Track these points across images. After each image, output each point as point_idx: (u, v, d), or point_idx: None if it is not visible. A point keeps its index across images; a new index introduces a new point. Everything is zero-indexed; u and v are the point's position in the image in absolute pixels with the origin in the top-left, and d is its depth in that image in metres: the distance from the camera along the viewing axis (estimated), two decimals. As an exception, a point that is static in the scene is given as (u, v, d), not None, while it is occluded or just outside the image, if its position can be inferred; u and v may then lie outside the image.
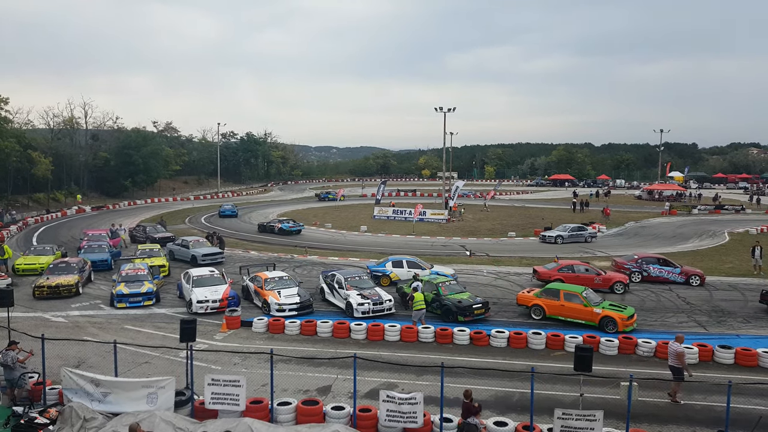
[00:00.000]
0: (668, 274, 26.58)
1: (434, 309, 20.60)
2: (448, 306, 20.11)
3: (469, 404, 11.53)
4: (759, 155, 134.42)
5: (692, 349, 16.63)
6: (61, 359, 15.74)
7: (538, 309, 20.46)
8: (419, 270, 25.72)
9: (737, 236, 42.86)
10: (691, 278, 26.36)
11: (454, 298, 20.45)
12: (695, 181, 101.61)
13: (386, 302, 20.97)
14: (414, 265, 26.40)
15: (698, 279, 26.36)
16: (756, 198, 70.83)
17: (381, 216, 53.66)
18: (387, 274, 26.10)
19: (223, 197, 79.09)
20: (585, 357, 11.67)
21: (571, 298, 20.05)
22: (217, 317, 20.42)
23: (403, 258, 27.29)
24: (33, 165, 58.43)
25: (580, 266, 25.80)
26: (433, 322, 19.64)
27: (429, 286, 21.41)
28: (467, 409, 11.54)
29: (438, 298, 20.71)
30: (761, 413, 12.64)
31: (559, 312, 20.07)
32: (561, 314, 20.04)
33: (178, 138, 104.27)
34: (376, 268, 26.74)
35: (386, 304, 20.94)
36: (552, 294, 20.45)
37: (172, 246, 32.95)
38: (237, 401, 12.10)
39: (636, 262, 27.15)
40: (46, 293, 23.07)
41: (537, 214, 57.02)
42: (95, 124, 79.45)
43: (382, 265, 26.84)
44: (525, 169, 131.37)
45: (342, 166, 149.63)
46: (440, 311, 20.42)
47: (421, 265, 26.41)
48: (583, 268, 25.54)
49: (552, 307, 20.22)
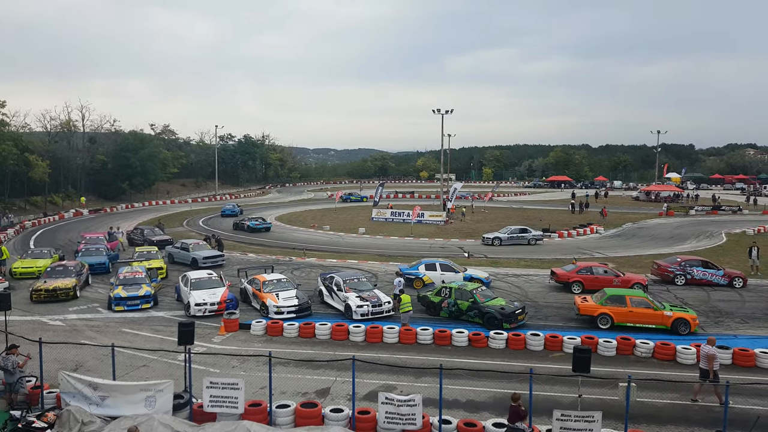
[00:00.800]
0: (711, 276, 26.45)
1: (471, 317, 20.03)
2: (492, 314, 19.46)
3: (517, 408, 11.18)
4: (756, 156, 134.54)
5: (690, 350, 16.68)
6: (59, 363, 15.69)
7: (605, 318, 19.56)
8: (452, 273, 25.40)
9: (734, 237, 42.95)
10: (735, 280, 26.16)
11: (495, 305, 19.89)
12: (692, 182, 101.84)
13: (385, 304, 20.95)
14: (447, 268, 25.94)
15: (741, 281, 26.16)
16: (753, 199, 70.98)
17: (379, 218, 53.67)
18: (420, 277, 25.79)
19: (221, 200, 79.01)
20: (583, 358, 11.67)
21: (638, 303, 19.62)
22: (215, 320, 20.39)
23: (436, 261, 26.93)
24: (30, 168, 58.26)
25: (599, 268, 25.63)
26: (468, 327, 19.21)
27: (463, 294, 20.58)
28: (515, 412, 11.18)
29: (476, 306, 20.00)
30: (759, 413, 12.67)
31: (627, 319, 19.43)
32: (630, 321, 19.41)
33: (176, 141, 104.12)
34: (409, 270, 26.33)
35: (385, 306, 20.91)
36: (618, 301, 19.73)
37: (172, 249, 32.78)
38: (236, 404, 12.09)
39: (679, 265, 26.90)
40: (44, 297, 23.00)
41: (535, 215, 57.05)
42: (92, 127, 79.35)
43: (415, 267, 26.40)
44: (523, 170, 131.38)
45: (340, 168, 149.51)
46: (480, 319, 19.74)
47: (454, 269, 25.94)
48: (602, 270, 25.36)
49: (620, 314, 19.49)
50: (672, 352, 16.82)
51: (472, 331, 18.38)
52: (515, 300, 22.31)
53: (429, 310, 21.40)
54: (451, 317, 20.56)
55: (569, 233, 44.08)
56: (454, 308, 20.54)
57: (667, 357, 16.80)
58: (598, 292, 20.99)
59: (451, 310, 20.60)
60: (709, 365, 13.84)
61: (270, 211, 62.95)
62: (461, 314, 20.28)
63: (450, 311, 20.67)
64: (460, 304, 20.37)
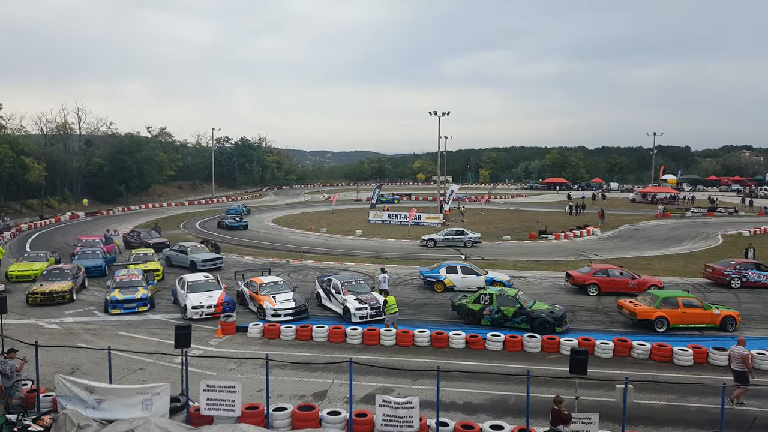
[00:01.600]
0: (767, 279, 26.49)
1: (518, 323, 19.58)
2: (543, 318, 19.26)
3: (559, 411, 10.97)
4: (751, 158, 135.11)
5: (686, 351, 16.72)
6: (55, 366, 15.64)
7: (661, 321, 19.65)
8: (474, 276, 25.27)
9: (730, 238, 43.11)
10: None
11: (543, 309, 19.74)
12: (688, 184, 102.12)
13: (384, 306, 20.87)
14: (468, 270, 25.69)
15: None
16: (749, 200, 71.24)
17: (376, 220, 53.70)
18: (441, 280, 25.48)
19: (217, 202, 78.94)
20: (580, 360, 11.68)
21: (689, 304, 19.95)
22: (212, 323, 20.34)
23: (458, 264, 26.64)
24: (26, 171, 58.12)
25: (615, 270, 25.57)
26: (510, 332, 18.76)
27: (506, 300, 20.06)
28: (557, 416, 10.98)
29: (524, 311, 19.62)
30: (756, 414, 12.69)
31: (681, 320, 19.72)
32: (683, 322, 19.72)
33: (173, 143, 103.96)
34: (430, 273, 26.01)
35: None
36: (671, 303, 19.94)
37: (169, 252, 32.67)
38: (233, 407, 12.06)
39: (734, 268, 26.81)
40: (40, 300, 22.92)
41: (532, 217, 57.13)
42: (89, 129, 79.17)
43: (436, 270, 26.00)
44: (519, 172, 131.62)
45: (337, 171, 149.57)
46: (529, 324, 19.39)
47: (475, 271, 25.75)
48: (617, 272, 25.30)
49: (674, 316, 19.71)
50: (669, 353, 16.85)
51: (469, 333, 18.38)
52: None
53: (467, 319, 20.40)
54: (494, 324, 19.82)
55: (566, 235, 44.16)
56: (497, 315, 19.91)
57: (663, 359, 16.82)
58: (645, 296, 21.08)
59: (494, 317, 19.94)
60: (747, 365, 13.80)
61: (267, 213, 62.89)
62: (506, 321, 19.74)
63: (493, 318, 19.98)
64: (504, 311, 19.85)
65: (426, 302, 23.71)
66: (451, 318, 21.37)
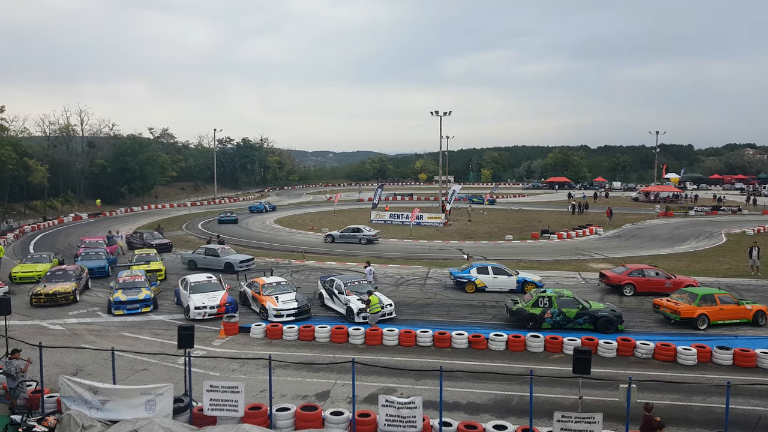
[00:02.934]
0: None
1: (580, 324, 19.59)
2: (608, 317, 19.42)
3: (650, 418, 10.81)
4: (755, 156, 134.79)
5: (690, 351, 16.68)
6: (59, 367, 15.66)
7: (703, 318, 19.89)
8: (505, 276, 25.17)
9: (734, 237, 42.98)
10: None
11: (603, 308, 19.96)
12: (692, 183, 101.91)
13: (387, 307, 20.92)
14: (499, 271, 25.53)
15: None
16: (752, 199, 71.04)
17: (378, 220, 53.67)
18: (472, 281, 25.27)
19: (219, 203, 79.02)
20: (584, 359, 11.65)
21: (725, 300, 20.34)
22: (214, 323, 20.37)
23: (488, 264, 26.40)
24: (29, 173, 58.29)
25: (650, 270, 25.43)
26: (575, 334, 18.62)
27: (566, 302, 19.93)
28: (648, 423, 10.81)
29: (586, 312, 19.70)
30: (760, 414, 12.66)
31: (719, 316, 20.02)
32: (721, 318, 20.03)
33: (175, 144, 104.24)
34: (461, 274, 25.73)
35: (387, 309, 20.87)
36: (710, 300, 20.23)
37: (194, 255, 31.36)
38: (236, 407, 12.08)
39: None
40: (44, 301, 22.98)
41: (534, 216, 57.06)
42: (91, 131, 79.36)
43: (467, 271, 25.78)
44: (521, 172, 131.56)
45: (339, 171, 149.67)
46: (592, 325, 19.48)
47: (506, 272, 25.57)
48: (653, 272, 25.16)
49: (714, 313, 19.99)
50: (672, 353, 16.82)
51: (472, 333, 18.37)
52: None
53: (527, 324, 19.78)
54: (555, 327, 19.63)
55: (569, 234, 44.08)
56: (559, 317, 19.74)
57: (667, 358, 16.79)
58: (681, 294, 21.10)
59: (556, 320, 19.75)
60: None
61: (269, 214, 62.94)
62: (568, 323, 19.67)
63: (554, 321, 19.76)
64: (566, 313, 19.73)
65: (428, 302, 23.69)
66: (454, 318, 21.38)
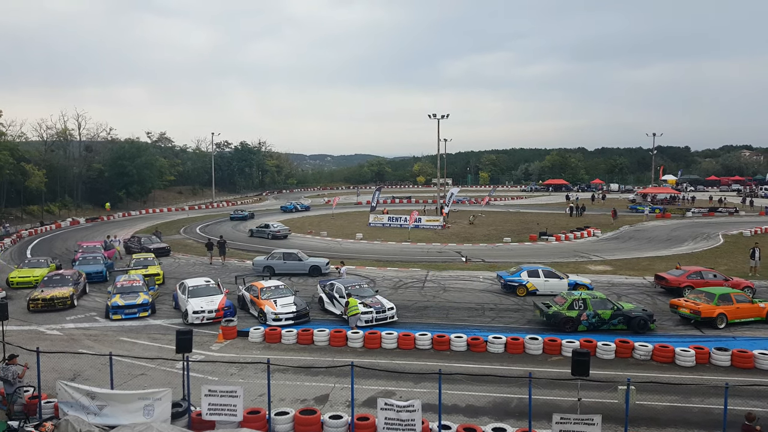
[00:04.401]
0: None
1: (614, 325, 19.75)
2: (641, 317, 19.72)
3: (751, 428, 10.59)
4: (751, 157, 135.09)
5: (689, 352, 16.69)
6: (57, 372, 15.62)
7: (721, 317, 20.12)
8: (556, 279, 25.08)
9: (731, 238, 43.07)
10: None
11: (635, 309, 20.28)
12: (689, 184, 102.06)
13: (389, 310, 20.81)
14: (550, 274, 25.47)
15: None
16: (749, 200, 71.20)
17: (376, 223, 53.65)
18: (523, 284, 25.13)
19: (218, 207, 78.96)
20: (582, 361, 11.65)
21: (741, 299, 20.71)
22: (213, 327, 20.33)
23: (539, 267, 26.29)
24: (26, 177, 58.19)
25: (708, 273, 25.43)
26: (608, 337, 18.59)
27: (600, 303, 20.07)
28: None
29: (621, 312, 19.91)
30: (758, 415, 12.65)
31: (736, 315, 20.33)
32: (737, 317, 20.34)
33: (172, 148, 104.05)
34: (511, 278, 25.57)
35: (389, 312, 20.76)
36: (727, 299, 20.52)
37: (272, 261, 30.15)
38: (234, 412, 12.04)
39: None
40: (41, 306, 22.92)
41: (532, 219, 57.10)
42: (89, 135, 79.21)
43: (517, 274, 25.63)
44: (519, 174, 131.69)
45: (337, 174, 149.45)
46: (625, 325, 19.72)
47: (557, 275, 25.52)
48: (711, 275, 25.14)
49: (731, 312, 20.25)
50: (671, 354, 16.83)
51: (471, 336, 18.37)
52: None
53: (564, 327, 19.64)
54: (590, 329, 19.65)
55: (566, 236, 44.11)
56: (594, 319, 19.78)
57: (666, 359, 16.80)
58: (699, 294, 21.29)
59: (591, 321, 19.78)
60: None
61: (267, 217, 62.84)
62: (602, 324, 19.76)
63: (590, 323, 19.78)
64: (601, 314, 19.80)
65: (427, 305, 23.68)
66: (453, 321, 21.36)
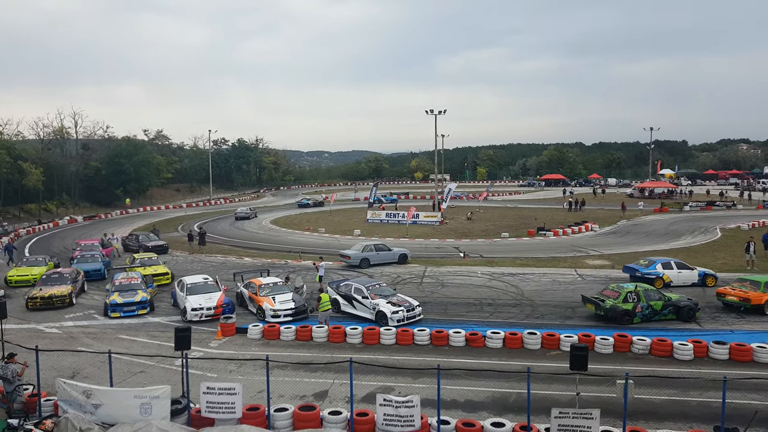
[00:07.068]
0: None
1: (665, 315, 20.18)
2: (689, 306, 20.31)
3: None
4: (749, 151, 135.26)
5: (687, 346, 16.74)
6: (56, 370, 15.61)
7: None
8: (688, 270, 25.66)
9: (729, 232, 43.13)
10: None
11: (683, 298, 20.77)
12: (686, 178, 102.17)
13: (417, 308, 20.70)
14: (682, 265, 25.97)
15: None
16: (747, 193, 71.26)
17: (374, 219, 53.67)
18: (660, 276, 25.20)
19: (215, 204, 78.89)
20: (580, 356, 11.68)
21: None
22: (211, 325, 20.34)
23: (671, 260, 26.73)
24: (24, 176, 58.15)
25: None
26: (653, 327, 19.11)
27: (652, 294, 20.42)
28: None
29: (671, 303, 20.32)
30: (757, 408, 12.71)
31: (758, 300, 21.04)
32: None
33: (170, 146, 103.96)
34: (647, 270, 25.59)
35: (417, 310, 20.66)
36: None
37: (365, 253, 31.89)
38: (233, 409, 12.05)
39: None
40: (39, 304, 22.91)
41: (530, 214, 57.15)
42: (86, 133, 79.20)
43: (652, 267, 25.74)
44: (517, 169, 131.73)
45: (334, 171, 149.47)
46: (675, 315, 20.25)
47: (688, 266, 26.02)
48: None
49: None
50: (669, 348, 16.88)
51: (469, 331, 18.40)
52: None
53: (621, 320, 19.79)
54: (643, 320, 20.03)
55: (564, 231, 44.16)
56: (647, 311, 20.10)
57: (664, 353, 16.85)
58: (742, 282, 21.86)
59: (645, 313, 20.08)
60: None
61: (265, 214, 62.86)
62: (654, 315, 20.14)
63: (644, 315, 20.07)
64: (654, 305, 20.16)
65: (425, 300, 23.66)
66: (451, 316, 21.39)
